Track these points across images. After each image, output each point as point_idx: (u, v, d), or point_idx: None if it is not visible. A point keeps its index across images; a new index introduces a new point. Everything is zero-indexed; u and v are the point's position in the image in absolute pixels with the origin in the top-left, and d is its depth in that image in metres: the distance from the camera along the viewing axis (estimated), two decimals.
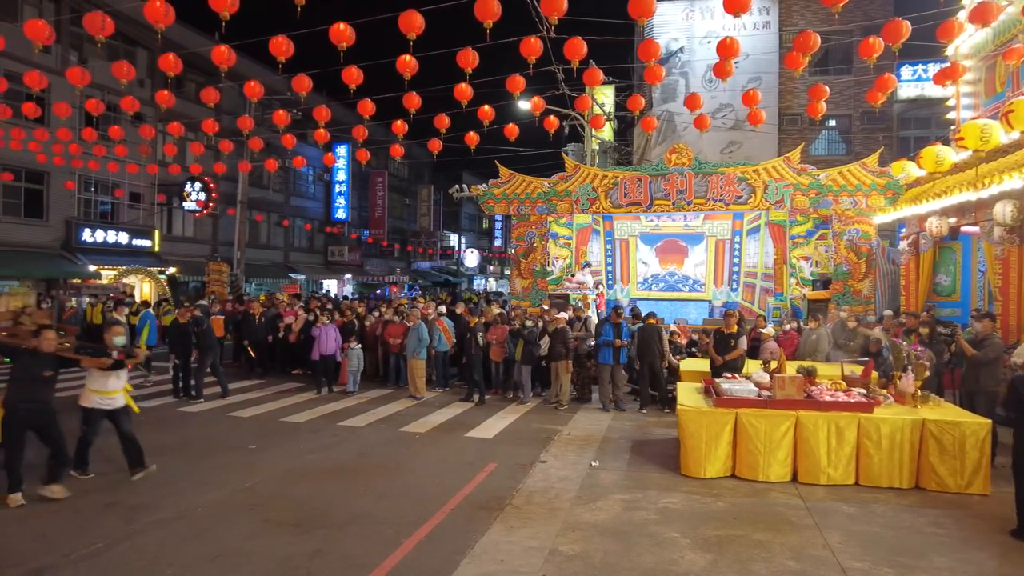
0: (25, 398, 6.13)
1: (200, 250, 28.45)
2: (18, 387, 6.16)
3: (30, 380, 6.15)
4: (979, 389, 7.92)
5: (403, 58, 8.85)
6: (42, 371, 6.19)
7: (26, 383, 6.15)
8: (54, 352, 6.37)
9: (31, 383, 6.16)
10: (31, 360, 6.21)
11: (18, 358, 6.23)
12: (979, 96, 13.46)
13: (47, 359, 6.27)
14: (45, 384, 6.27)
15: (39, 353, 6.24)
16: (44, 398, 6.28)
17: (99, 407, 6.78)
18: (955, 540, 5.60)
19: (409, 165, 45.13)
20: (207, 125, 12.27)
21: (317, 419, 10.18)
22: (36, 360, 6.21)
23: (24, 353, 6.24)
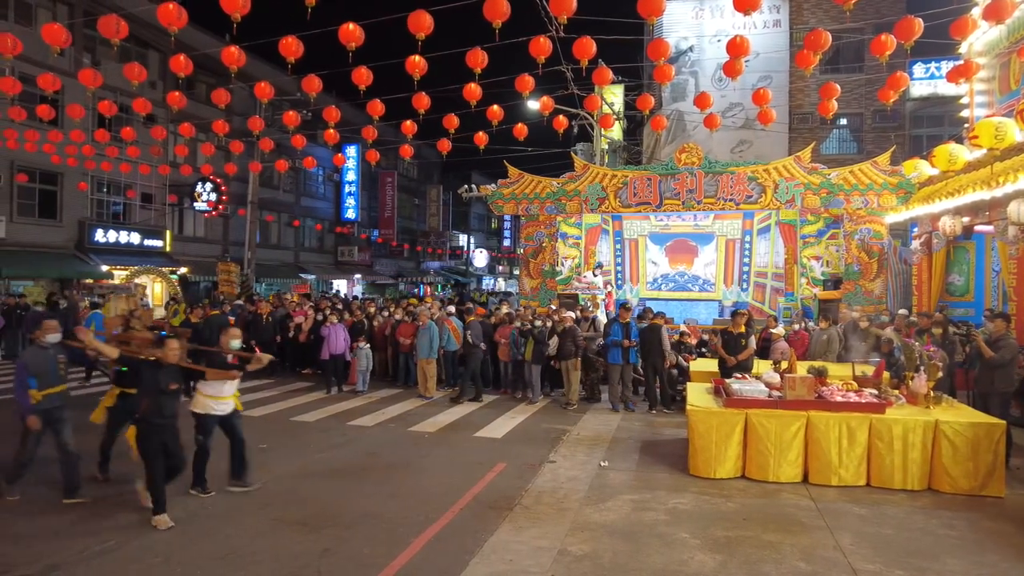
0: (155, 413, 5.76)
1: (211, 250, 28.62)
2: (148, 402, 5.80)
3: (157, 393, 5.78)
4: (993, 390, 7.84)
5: (412, 58, 8.87)
6: (168, 383, 5.83)
7: (154, 397, 5.78)
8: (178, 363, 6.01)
9: (159, 397, 5.78)
10: (155, 372, 5.82)
11: (142, 370, 5.86)
12: (993, 94, 13.31)
13: (172, 370, 5.91)
14: (172, 397, 5.90)
15: (163, 364, 5.86)
16: (173, 413, 5.91)
17: (213, 413, 6.45)
18: (969, 542, 5.55)
19: (418, 165, 45.23)
20: (218, 126, 12.34)
21: (327, 418, 10.21)
22: (161, 372, 5.82)
23: (147, 365, 5.87)
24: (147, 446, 5.72)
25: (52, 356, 6.32)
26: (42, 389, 6.12)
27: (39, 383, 6.11)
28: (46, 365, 6.23)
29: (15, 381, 6.25)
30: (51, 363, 6.27)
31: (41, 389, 6.11)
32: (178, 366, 5.98)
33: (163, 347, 5.92)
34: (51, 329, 6.37)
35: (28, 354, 6.36)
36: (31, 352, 6.35)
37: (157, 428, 5.74)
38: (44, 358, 6.26)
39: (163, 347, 5.92)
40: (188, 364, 6.23)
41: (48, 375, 6.20)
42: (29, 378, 6.10)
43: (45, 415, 6.18)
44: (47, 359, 6.27)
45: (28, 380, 6.09)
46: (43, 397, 6.12)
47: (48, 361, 6.26)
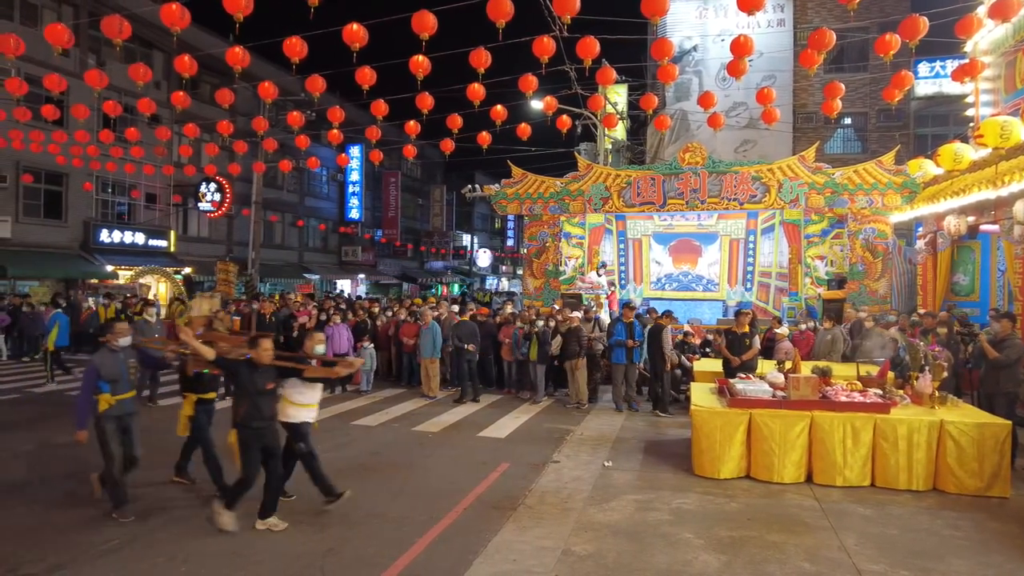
0: (254, 415, 5.56)
1: (215, 250, 28.70)
2: (246, 404, 5.58)
3: (255, 395, 5.56)
4: (998, 390, 7.81)
5: (416, 58, 8.87)
6: (264, 384, 5.62)
7: (252, 399, 5.56)
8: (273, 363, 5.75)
9: (257, 398, 5.57)
10: (251, 372, 5.59)
11: (238, 372, 5.64)
12: (999, 92, 13.26)
13: (267, 371, 5.66)
14: (269, 398, 5.71)
15: (258, 365, 5.62)
16: (272, 415, 5.75)
17: (307, 420, 6.12)
18: (974, 543, 5.53)
19: (422, 165, 45.26)
20: (222, 126, 12.37)
21: (331, 418, 10.21)
22: (256, 372, 5.60)
23: (242, 365, 5.65)
24: (248, 451, 5.53)
25: (123, 360, 6.06)
26: (115, 395, 5.89)
27: (112, 388, 5.87)
28: (118, 369, 5.95)
29: (82, 386, 5.91)
30: (123, 367, 6.01)
31: (114, 394, 5.88)
32: (273, 366, 5.72)
33: (256, 347, 5.64)
34: (123, 332, 6.09)
35: (99, 357, 5.98)
36: (102, 355, 6.00)
37: (257, 432, 5.57)
38: (115, 362, 5.97)
39: (256, 347, 5.64)
40: (288, 364, 5.90)
41: (121, 380, 5.96)
42: (101, 382, 5.83)
43: (117, 422, 5.94)
44: (118, 363, 5.99)
45: (100, 384, 5.82)
46: (116, 403, 5.89)
47: (120, 365, 5.99)
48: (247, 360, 5.65)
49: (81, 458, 7.80)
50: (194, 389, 6.56)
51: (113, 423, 5.91)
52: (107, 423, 5.87)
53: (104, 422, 5.85)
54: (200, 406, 6.60)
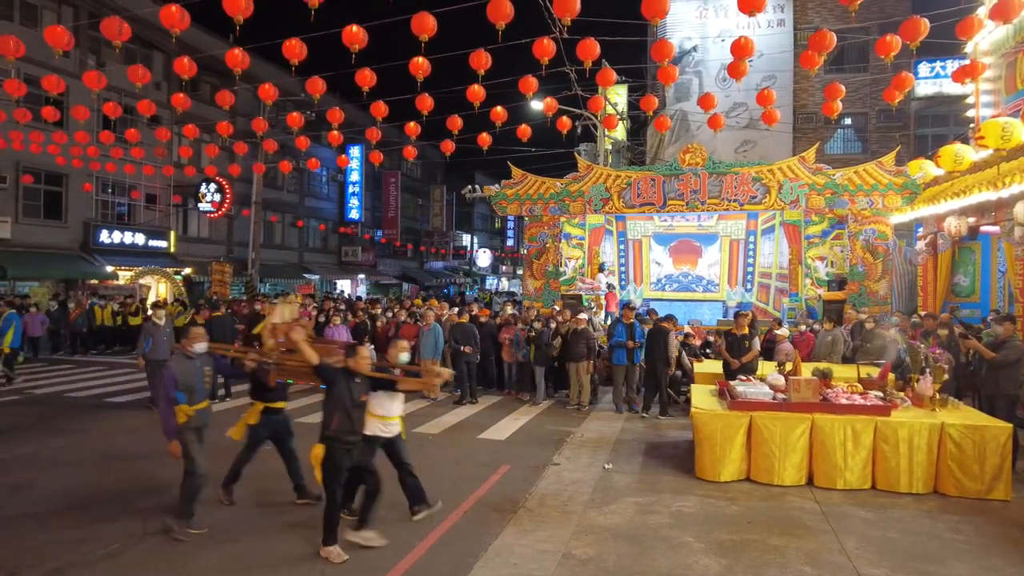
0: (348, 429, 5.25)
1: (215, 251, 28.69)
2: (339, 417, 5.21)
3: (350, 407, 5.23)
4: (999, 392, 7.80)
5: (415, 60, 8.86)
6: (360, 395, 5.33)
7: (346, 411, 5.22)
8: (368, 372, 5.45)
9: (351, 411, 5.25)
10: (348, 383, 5.27)
11: (335, 381, 5.28)
12: (999, 93, 13.25)
13: (363, 381, 5.37)
14: (362, 411, 5.43)
15: (355, 375, 5.33)
16: (362, 428, 5.46)
17: (380, 435, 5.76)
18: (975, 546, 5.52)
19: (422, 165, 45.26)
20: (222, 127, 12.37)
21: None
22: (353, 383, 5.29)
23: (341, 375, 5.31)
24: (333, 468, 5.22)
25: (199, 367, 5.74)
26: (192, 404, 5.60)
27: (188, 398, 5.56)
28: (194, 377, 5.63)
29: (163, 396, 5.61)
30: (198, 375, 5.69)
31: (192, 404, 5.59)
32: (370, 376, 5.41)
33: (355, 356, 5.30)
34: (198, 337, 5.74)
35: (175, 364, 5.67)
36: (177, 362, 5.69)
37: (347, 447, 5.27)
38: (191, 369, 5.66)
39: (355, 356, 5.30)
40: (380, 374, 5.55)
41: (196, 389, 5.65)
42: (177, 392, 5.53)
43: (196, 434, 5.66)
44: (194, 370, 5.67)
45: (177, 395, 5.53)
46: (195, 413, 5.60)
47: (195, 372, 5.67)
48: (345, 368, 5.34)
49: (82, 459, 7.82)
50: (264, 397, 6.23)
51: (194, 434, 5.64)
52: (188, 434, 5.60)
53: (186, 434, 5.58)
54: (266, 416, 6.28)
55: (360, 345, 5.44)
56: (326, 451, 5.21)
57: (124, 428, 9.57)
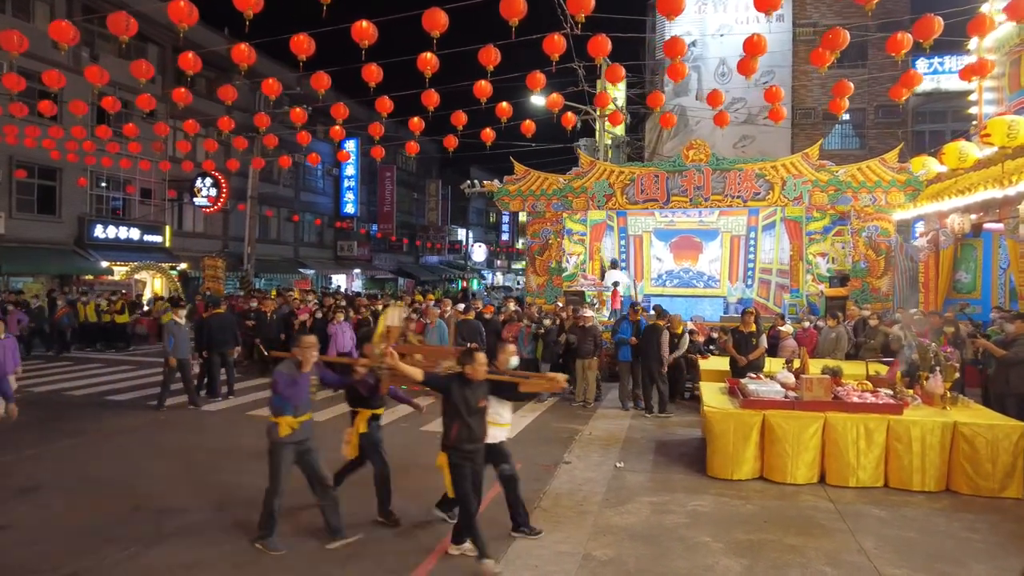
0: (467, 437, 5.05)
1: (211, 245, 28.51)
2: (457, 425, 5.04)
3: (468, 415, 5.03)
4: (1009, 391, 7.83)
5: (424, 56, 8.78)
6: (477, 402, 5.09)
7: (463, 419, 5.02)
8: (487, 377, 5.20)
9: (469, 418, 5.04)
10: (463, 390, 5.05)
11: (449, 390, 5.06)
12: (1003, 91, 13.28)
13: (480, 386, 5.14)
14: (481, 418, 5.18)
15: (471, 380, 5.08)
16: (483, 435, 5.22)
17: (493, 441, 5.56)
18: (992, 546, 5.54)
19: (417, 160, 45.08)
20: (223, 123, 12.23)
21: (337, 418, 10.13)
22: (469, 389, 5.07)
23: (454, 383, 5.08)
24: (461, 478, 5.04)
25: (307, 377, 5.43)
26: (298, 415, 5.30)
27: (293, 409, 5.27)
28: (301, 388, 5.36)
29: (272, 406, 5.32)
30: (306, 386, 5.42)
31: (297, 415, 5.29)
32: (487, 380, 5.18)
33: (471, 361, 5.05)
34: (311, 347, 5.40)
35: (284, 368, 5.36)
36: (286, 370, 5.34)
37: (470, 455, 5.09)
38: (300, 380, 5.37)
39: (471, 361, 5.05)
40: (497, 377, 5.31)
41: (303, 400, 5.37)
42: (284, 402, 5.25)
43: (295, 448, 5.34)
44: (304, 380, 5.40)
45: (284, 404, 5.25)
46: (298, 426, 5.31)
47: (304, 383, 5.40)
48: (459, 375, 5.10)
49: (86, 460, 7.74)
50: (367, 404, 5.93)
51: (291, 449, 5.31)
52: (284, 449, 5.27)
53: (282, 448, 5.26)
54: (374, 422, 6.03)
55: (478, 350, 5.15)
56: (448, 460, 5.08)
57: (124, 428, 9.48)
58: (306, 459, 5.42)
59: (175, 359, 10.42)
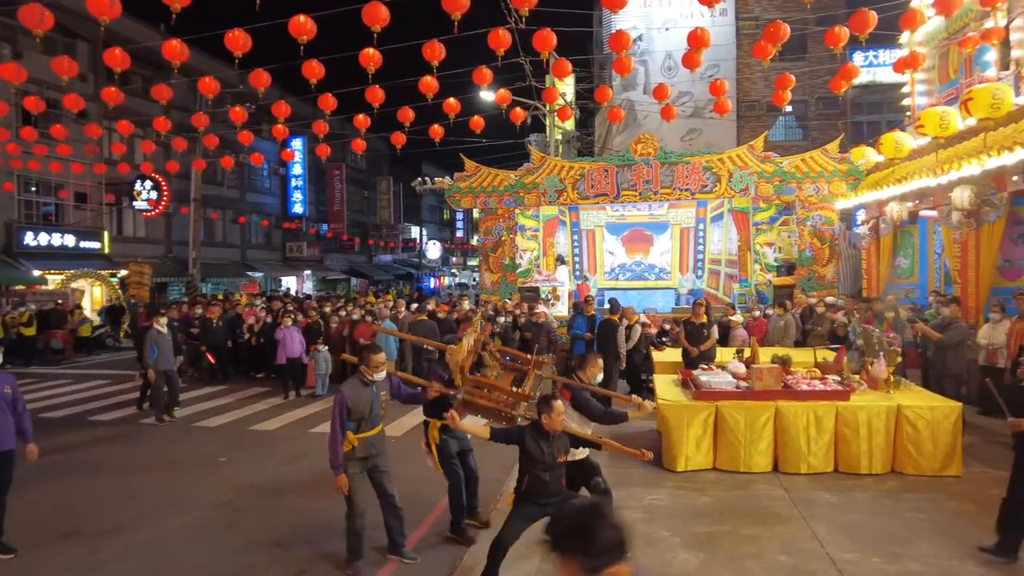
0: (541, 492, 4.58)
1: (154, 250, 27.47)
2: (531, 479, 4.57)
3: (542, 470, 4.53)
4: (946, 372, 8.11)
5: (366, 52, 8.56)
6: (556, 456, 4.58)
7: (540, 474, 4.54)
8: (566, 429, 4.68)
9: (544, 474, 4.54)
10: (539, 441, 4.55)
11: (523, 443, 4.59)
12: (933, 83, 13.78)
13: (560, 439, 4.62)
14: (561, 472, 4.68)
15: (548, 432, 4.56)
16: (561, 490, 4.70)
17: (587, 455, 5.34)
18: (936, 524, 5.70)
19: (367, 157, 44.37)
20: (159, 123, 11.73)
21: (288, 426, 9.88)
22: (546, 441, 4.55)
23: (528, 435, 4.60)
24: (520, 519, 4.61)
25: (376, 393, 5.14)
26: (360, 432, 5.02)
27: (356, 426, 5.01)
28: (369, 404, 5.05)
29: (332, 423, 4.98)
30: (375, 401, 5.12)
31: (358, 432, 5.01)
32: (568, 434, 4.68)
33: (548, 411, 4.53)
34: (379, 363, 5.06)
35: (348, 391, 5.02)
36: (353, 388, 5.05)
37: (543, 508, 4.57)
38: (367, 396, 5.07)
39: (548, 411, 4.53)
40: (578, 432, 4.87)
41: (369, 416, 5.07)
42: (348, 422, 4.97)
43: (362, 464, 5.09)
44: (371, 397, 5.08)
45: (347, 423, 4.98)
46: (359, 442, 5.01)
47: (372, 399, 5.09)
48: (533, 425, 4.63)
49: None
50: (438, 415, 5.51)
51: (358, 466, 5.05)
52: (352, 467, 5.01)
53: (349, 466, 5.00)
54: (444, 432, 5.69)
55: (555, 398, 4.62)
56: (515, 504, 4.69)
57: (60, 447, 9.00)
58: (375, 476, 5.17)
59: (158, 370, 9.99)
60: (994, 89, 8.73)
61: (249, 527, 5.91)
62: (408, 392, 5.56)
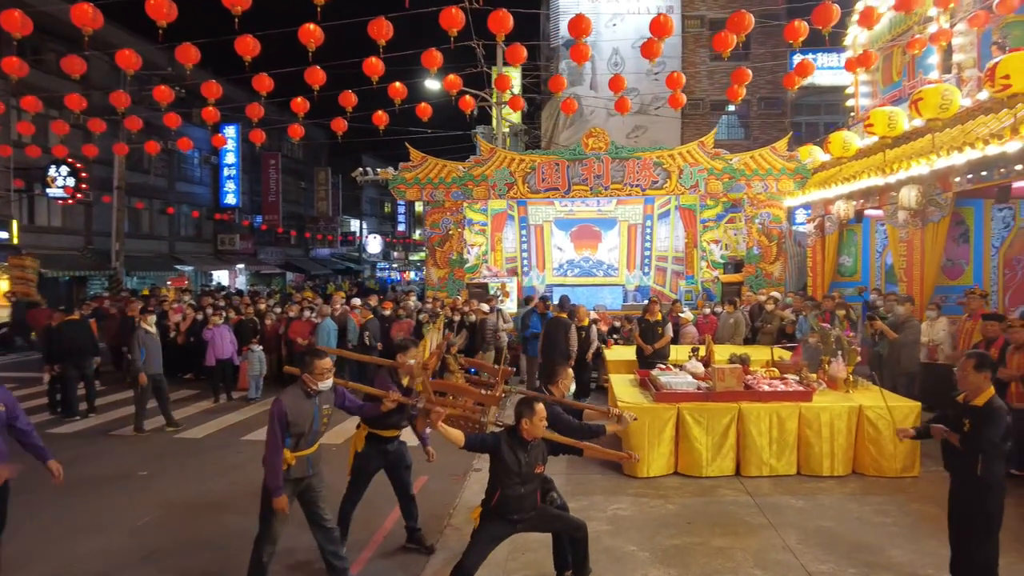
0: (513, 507, 4.14)
1: (72, 242, 25.57)
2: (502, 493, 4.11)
3: (518, 482, 4.10)
4: (900, 370, 8.10)
5: (307, 27, 7.89)
6: (534, 467, 4.15)
7: (515, 487, 4.10)
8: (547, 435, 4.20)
9: (523, 487, 4.12)
10: (515, 451, 4.09)
11: (498, 452, 4.11)
12: (877, 84, 14.02)
13: (538, 447, 4.18)
14: (537, 485, 4.26)
15: (526, 440, 4.10)
16: (535, 505, 4.29)
17: None
18: (904, 528, 5.58)
19: (304, 146, 42.80)
20: (72, 100, 10.67)
21: (218, 433, 9.11)
22: (523, 450, 4.11)
23: (503, 442, 4.12)
24: (487, 540, 4.20)
25: (318, 406, 4.48)
26: (296, 450, 4.39)
27: (294, 443, 4.36)
28: (311, 418, 4.42)
29: (268, 439, 4.31)
30: (316, 415, 4.47)
31: (296, 450, 4.38)
32: (547, 440, 4.23)
33: (530, 415, 4.05)
34: (325, 371, 4.42)
35: (288, 401, 4.36)
36: (293, 399, 4.39)
37: (512, 524, 4.19)
38: (308, 409, 4.42)
39: (530, 415, 4.05)
40: (558, 437, 4.35)
41: (309, 432, 4.43)
42: (286, 436, 4.33)
43: (294, 486, 4.46)
44: (312, 410, 4.44)
45: (285, 439, 4.34)
46: (296, 462, 4.38)
47: (314, 412, 4.45)
48: (510, 432, 4.17)
49: None
50: (373, 423, 5.09)
51: (290, 488, 4.42)
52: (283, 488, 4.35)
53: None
54: (370, 445, 5.14)
55: (537, 401, 4.18)
56: (482, 520, 4.22)
57: None
58: (307, 497, 4.58)
59: (147, 375, 8.99)
60: (943, 90, 8.80)
61: (169, 554, 5.24)
62: (356, 404, 4.96)
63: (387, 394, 4.79)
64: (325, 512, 4.67)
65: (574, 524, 4.47)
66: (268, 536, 4.42)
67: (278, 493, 4.29)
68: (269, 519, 4.39)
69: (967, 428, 4.13)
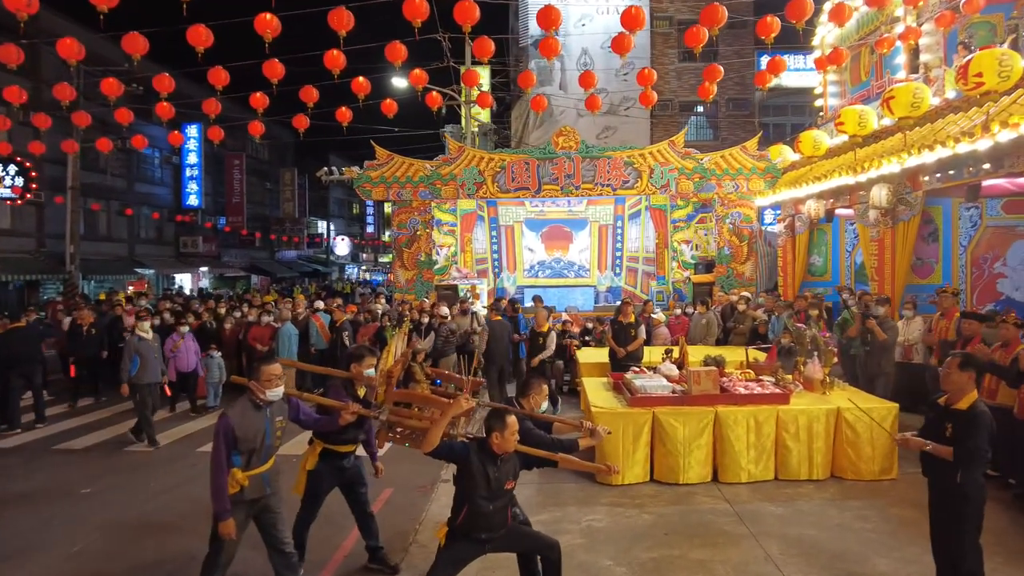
0: (481, 525, 3.84)
1: (21, 244, 24.46)
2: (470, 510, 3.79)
3: (485, 498, 3.77)
4: (880, 371, 8.01)
5: (263, 16, 7.49)
6: (505, 482, 3.85)
7: (483, 504, 3.77)
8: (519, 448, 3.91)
9: (492, 503, 3.80)
10: (485, 464, 3.79)
11: (468, 464, 3.79)
12: (845, 84, 14.05)
13: (510, 461, 3.89)
14: (506, 502, 3.94)
15: (497, 453, 3.80)
16: (505, 522, 3.97)
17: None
18: (885, 535, 5.43)
19: (270, 147, 41.91)
20: (11, 93, 10.06)
21: (172, 444, 8.62)
22: (494, 464, 3.80)
23: (474, 453, 3.81)
24: (453, 562, 3.89)
25: (270, 418, 4.09)
26: (249, 469, 3.99)
27: (245, 461, 3.98)
28: (261, 432, 4.02)
29: (213, 457, 3.94)
30: (268, 429, 4.06)
31: (248, 468, 3.99)
32: (519, 454, 3.94)
33: (502, 428, 3.76)
34: (274, 377, 4.05)
35: (234, 414, 3.98)
36: (241, 411, 4.01)
37: (477, 545, 3.89)
38: (258, 421, 4.03)
39: (502, 428, 3.76)
40: (532, 450, 4.06)
41: (261, 448, 4.03)
42: (233, 453, 3.95)
43: (247, 509, 4.09)
44: (263, 423, 4.04)
45: (232, 456, 3.95)
46: (249, 482, 3.99)
47: (264, 426, 4.04)
48: (480, 444, 3.87)
49: None
50: (327, 438, 4.71)
51: (244, 510, 4.06)
52: (236, 511, 3.99)
53: (233, 511, 3.97)
54: (324, 461, 4.76)
55: (508, 414, 3.88)
56: (448, 539, 3.91)
57: None
58: (263, 519, 4.25)
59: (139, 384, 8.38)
60: (915, 88, 8.74)
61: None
62: (312, 417, 4.59)
63: (347, 406, 4.43)
64: (284, 535, 4.34)
65: (547, 543, 4.16)
66: (218, 560, 4.06)
67: (224, 517, 3.93)
68: (219, 541, 4.03)
69: (948, 433, 3.97)
